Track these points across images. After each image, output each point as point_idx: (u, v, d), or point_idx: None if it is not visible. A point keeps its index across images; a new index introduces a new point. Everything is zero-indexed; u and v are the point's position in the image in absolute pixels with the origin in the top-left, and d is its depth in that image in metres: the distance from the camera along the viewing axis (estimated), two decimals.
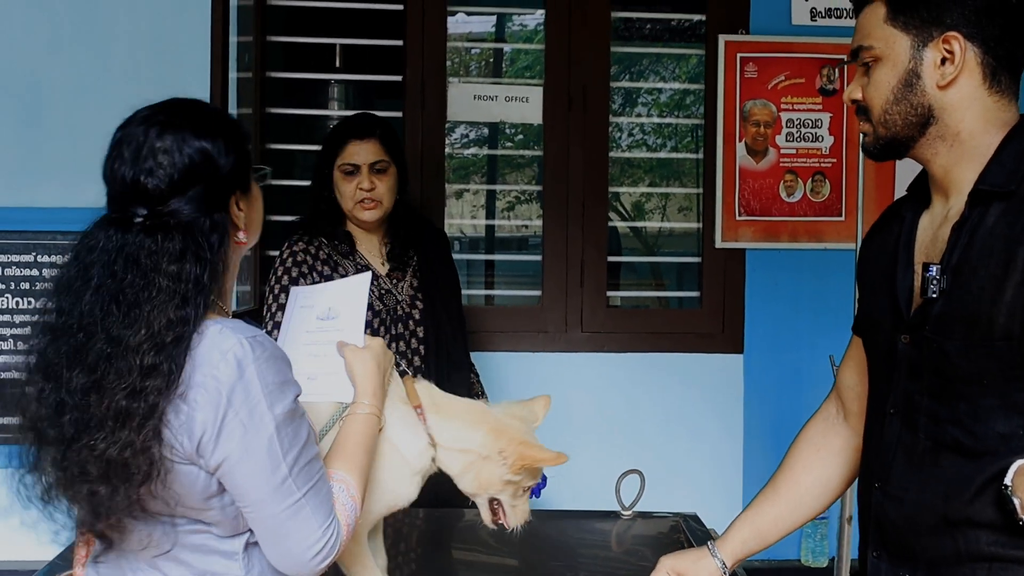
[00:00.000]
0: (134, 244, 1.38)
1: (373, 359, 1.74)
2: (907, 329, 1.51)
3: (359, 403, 1.69)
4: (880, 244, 1.64)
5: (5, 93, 3.01)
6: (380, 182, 2.53)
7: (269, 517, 1.43)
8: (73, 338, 1.38)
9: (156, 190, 1.40)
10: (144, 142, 1.42)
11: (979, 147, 1.47)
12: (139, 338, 1.36)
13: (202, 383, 1.38)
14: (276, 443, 1.42)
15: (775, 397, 3.32)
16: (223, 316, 1.48)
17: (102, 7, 3.02)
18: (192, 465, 1.41)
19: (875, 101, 1.52)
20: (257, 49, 3.15)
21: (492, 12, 4.69)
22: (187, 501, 1.43)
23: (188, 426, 1.38)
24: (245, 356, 1.40)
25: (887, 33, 1.50)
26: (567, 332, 3.38)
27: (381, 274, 2.57)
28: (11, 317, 2.99)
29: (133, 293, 1.37)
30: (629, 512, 2.35)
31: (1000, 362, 1.39)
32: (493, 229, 5.17)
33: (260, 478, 1.41)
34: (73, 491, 1.39)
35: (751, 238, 3.35)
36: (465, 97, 3.40)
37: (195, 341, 1.40)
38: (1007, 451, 1.39)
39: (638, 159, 4.60)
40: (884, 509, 1.55)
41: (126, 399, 1.35)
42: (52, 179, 3.00)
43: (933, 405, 1.48)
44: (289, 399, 1.45)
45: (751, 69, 3.33)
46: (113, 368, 1.36)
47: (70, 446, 1.37)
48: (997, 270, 1.39)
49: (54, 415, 1.38)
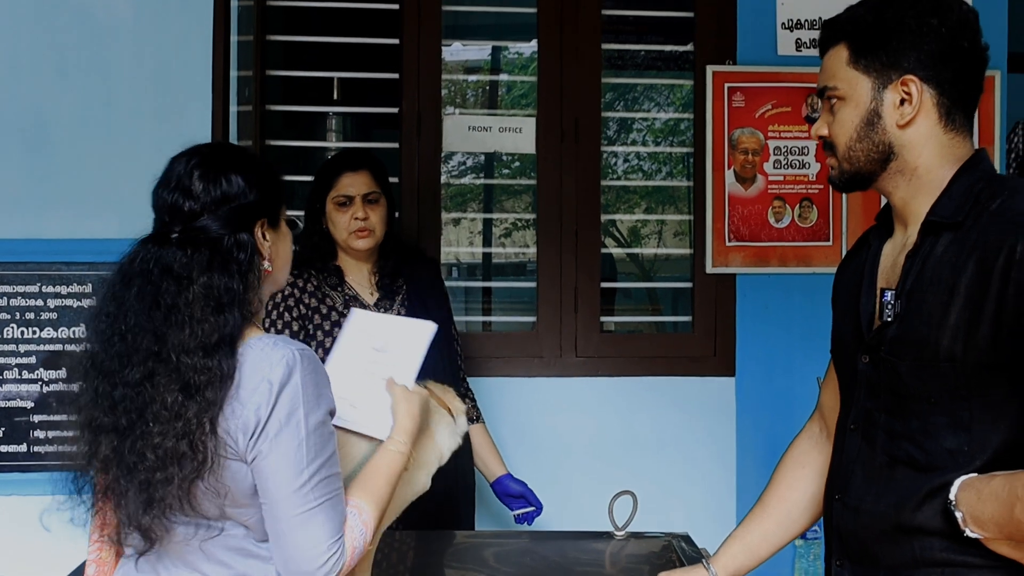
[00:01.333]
0: (169, 256, 1.56)
1: (419, 406, 1.84)
2: (867, 350, 1.60)
3: (394, 439, 1.78)
4: (851, 270, 1.73)
5: (11, 125, 3.06)
6: (373, 212, 2.66)
7: (281, 519, 1.53)
8: (122, 338, 1.54)
9: (190, 210, 1.59)
10: (184, 172, 1.62)
11: (934, 181, 1.57)
12: (184, 339, 1.51)
13: (256, 386, 1.52)
14: (304, 449, 1.53)
15: (767, 418, 3.36)
16: (262, 331, 1.63)
17: (107, 42, 3.08)
18: (240, 461, 1.53)
19: (840, 138, 1.62)
20: (257, 83, 3.21)
21: (486, 43, 4.77)
22: (234, 497, 1.55)
23: (243, 423, 1.51)
24: (295, 364, 1.54)
25: (850, 75, 1.60)
26: (562, 357, 3.43)
27: (369, 304, 2.67)
28: (16, 347, 3.04)
29: (171, 297, 1.53)
30: (622, 532, 2.40)
31: (946, 382, 1.47)
32: (490, 256, 5.22)
33: (282, 478, 1.52)
34: (127, 480, 1.50)
35: (741, 263, 3.41)
36: (460, 128, 3.47)
37: (247, 349, 1.55)
38: (954, 466, 1.48)
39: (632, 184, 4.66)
40: (843, 519, 1.63)
41: (181, 393, 1.49)
42: (57, 211, 3.05)
43: (889, 422, 1.56)
44: (323, 411, 1.58)
45: (739, 99, 3.40)
46: (164, 365, 1.51)
47: (126, 436, 1.51)
48: (943, 296, 1.47)
49: (109, 408, 1.52)
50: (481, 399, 3.34)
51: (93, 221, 3.03)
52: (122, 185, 2.99)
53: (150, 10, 3.09)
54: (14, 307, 3.04)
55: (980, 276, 1.44)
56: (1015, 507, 1.37)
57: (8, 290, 3.04)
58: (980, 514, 1.43)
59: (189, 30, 3.08)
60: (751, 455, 3.40)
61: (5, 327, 3.03)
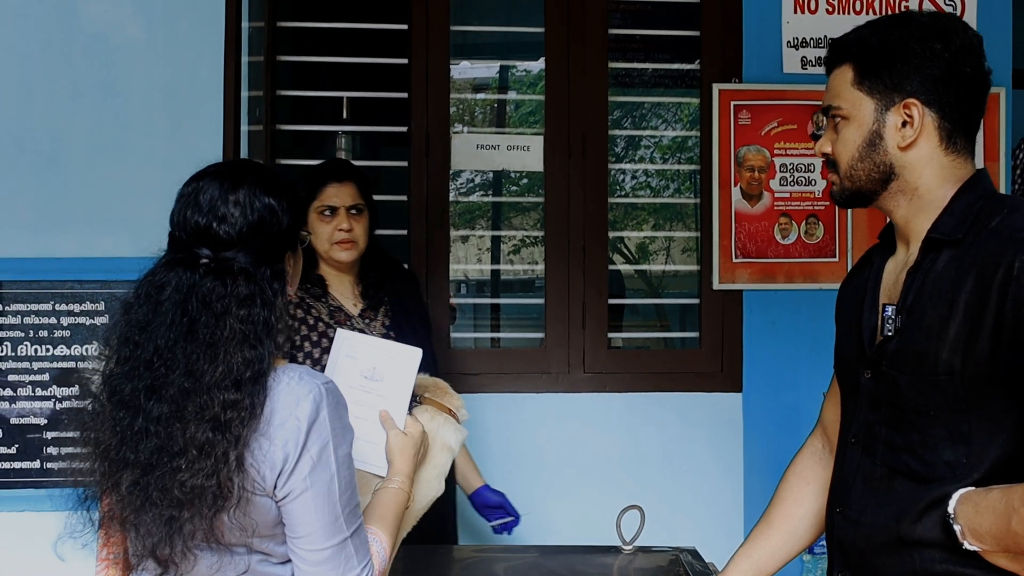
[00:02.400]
0: (204, 287, 1.50)
1: (413, 447, 1.87)
2: (868, 364, 1.62)
3: (392, 479, 1.82)
4: (854, 287, 1.76)
5: (25, 145, 3.09)
6: (357, 224, 2.65)
7: (317, 551, 1.54)
8: (151, 371, 1.48)
9: (226, 236, 1.54)
10: (219, 195, 1.55)
11: (935, 200, 1.60)
12: (217, 375, 1.47)
13: (283, 422, 1.50)
14: (336, 482, 1.54)
15: (774, 434, 3.37)
16: (288, 362, 1.59)
17: (119, 63, 3.11)
18: (267, 497, 1.51)
19: (842, 157, 1.65)
20: (268, 103, 3.25)
21: (494, 62, 4.81)
22: (260, 530, 1.54)
23: (271, 460, 1.49)
24: (322, 399, 1.52)
25: (854, 96, 1.63)
26: (570, 373, 3.45)
27: (354, 314, 2.66)
28: (30, 364, 3.06)
29: (208, 333, 1.48)
30: (630, 547, 2.41)
31: (945, 395, 1.49)
32: (498, 273, 5.25)
33: (317, 514, 1.52)
34: (150, 515, 1.47)
35: (748, 279, 3.43)
36: (468, 146, 3.50)
37: (273, 383, 1.52)
38: (953, 478, 1.50)
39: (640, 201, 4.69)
40: (844, 532, 1.65)
41: (211, 431, 1.46)
42: (70, 230, 3.07)
43: (890, 434, 1.58)
44: (349, 443, 1.58)
45: (745, 116, 3.43)
46: (193, 401, 1.47)
47: (149, 471, 1.46)
48: (943, 310, 1.49)
49: (131, 440, 1.48)
50: (489, 415, 3.37)
51: (105, 240, 3.06)
52: (134, 204, 3.01)
53: (162, 31, 3.13)
54: (27, 325, 3.07)
55: (979, 291, 1.47)
56: (1011, 519, 1.39)
57: (22, 308, 3.06)
58: (978, 527, 1.45)
59: (201, 51, 3.11)
60: (758, 470, 3.41)
61: (19, 345, 3.06)
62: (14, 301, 3.06)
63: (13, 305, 3.06)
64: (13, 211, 3.07)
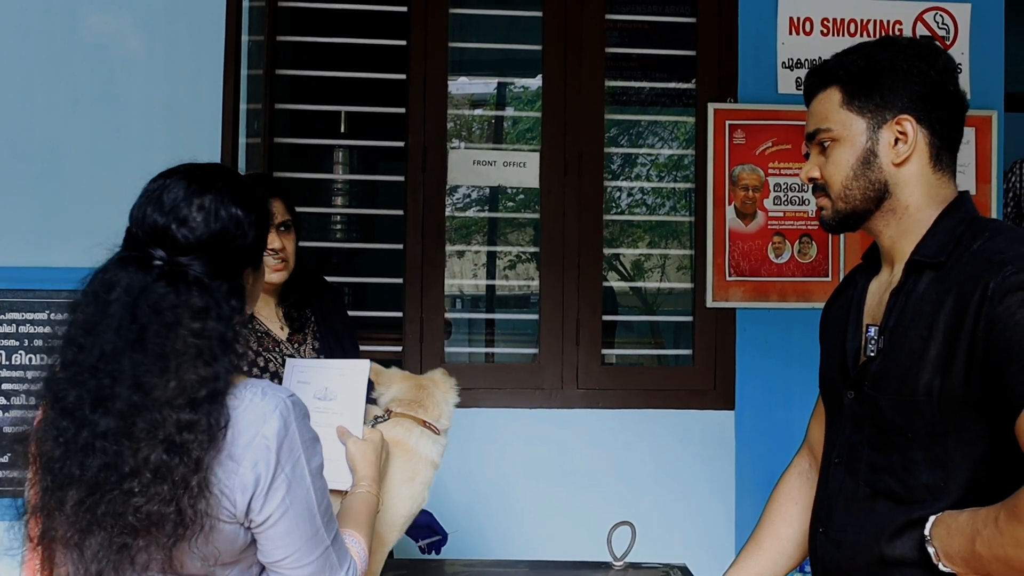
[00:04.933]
0: (156, 292, 1.38)
1: (374, 451, 1.86)
2: (852, 385, 1.64)
3: (358, 485, 1.81)
4: (838, 307, 1.77)
5: (24, 155, 3.11)
6: (288, 241, 2.44)
7: (304, 565, 1.49)
8: (95, 379, 1.36)
9: (184, 240, 1.43)
10: (184, 196, 1.45)
11: (921, 220, 1.62)
12: (170, 391, 1.36)
13: (251, 442, 1.41)
14: (312, 495, 1.48)
15: (766, 452, 3.38)
16: (245, 377, 1.49)
17: (119, 75, 3.13)
18: (236, 524, 1.44)
19: (835, 178, 1.66)
20: (266, 116, 3.27)
21: (492, 78, 4.84)
22: (224, 558, 1.45)
23: (241, 483, 1.41)
24: (289, 414, 1.45)
25: (844, 117, 1.65)
26: (563, 389, 3.46)
27: (281, 339, 2.47)
28: (24, 373, 3.07)
29: (158, 343, 1.36)
30: (620, 563, 2.42)
31: (923, 417, 1.51)
32: (493, 288, 5.26)
33: (299, 531, 1.47)
34: (98, 539, 1.36)
35: (741, 298, 3.45)
36: (465, 162, 3.52)
37: (235, 401, 1.42)
38: (932, 499, 1.52)
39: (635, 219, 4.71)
40: (827, 552, 1.66)
41: (165, 452, 1.34)
42: (67, 240, 3.08)
43: (872, 455, 1.59)
44: (320, 454, 1.52)
45: (739, 136, 3.45)
46: (143, 418, 1.35)
47: (98, 491, 1.35)
48: (924, 332, 1.51)
49: (77, 455, 1.35)
50: (483, 429, 3.37)
51: (102, 251, 3.06)
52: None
53: (162, 44, 3.15)
54: (23, 334, 3.07)
55: (956, 312, 1.48)
56: (975, 541, 1.41)
57: (17, 317, 3.07)
58: (949, 549, 1.47)
59: (201, 64, 3.13)
60: (750, 488, 3.41)
61: (13, 353, 3.07)
62: (9, 310, 3.07)
63: (8, 314, 3.07)
64: (11, 220, 3.08)
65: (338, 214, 4.11)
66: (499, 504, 3.19)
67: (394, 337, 3.47)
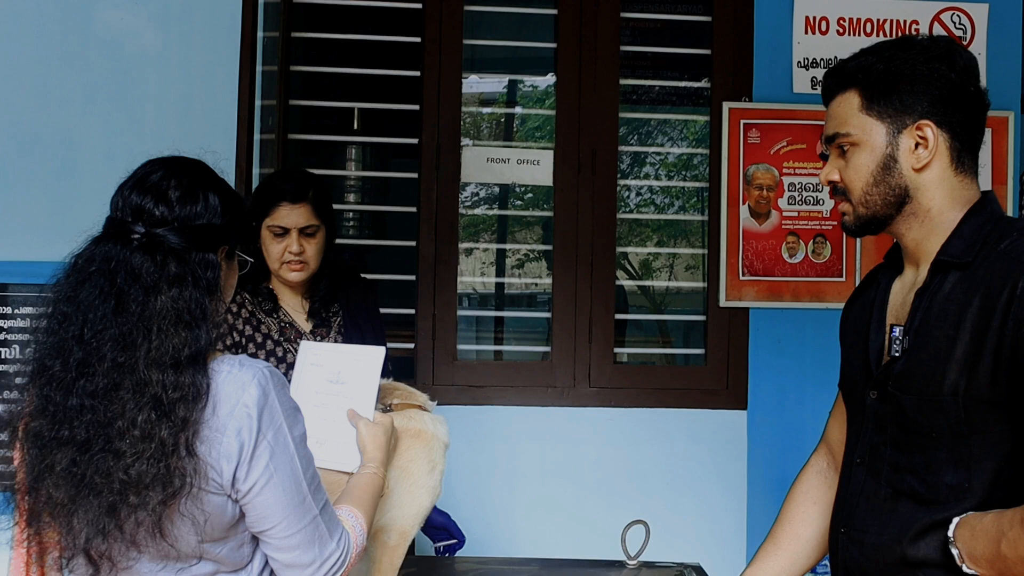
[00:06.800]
0: (134, 260, 1.45)
1: (384, 434, 1.88)
2: (875, 385, 1.63)
3: (366, 466, 1.82)
4: (859, 307, 1.77)
5: (39, 150, 3.11)
6: (309, 245, 2.50)
7: (291, 535, 1.52)
8: (81, 345, 1.41)
9: (161, 215, 1.50)
10: (160, 178, 1.54)
11: (945, 222, 1.61)
12: (153, 351, 1.41)
13: (232, 411, 1.46)
14: (297, 463, 1.52)
15: (778, 452, 3.38)
16: (220, 354, 1.53)
17: (135, 71, 3.14)
18: (223, 495, 1.47)
19: (855, 183, 1.64)
20: (280, 112, 3.27)
21: (503, 76, 4.83)
22: (212, 529, 1.48)
23: (227, 451, 1.45)
24: (267, 383, 1.49)
25: (863, 121, 1.63)
26: (575, 387, 3.46)
27: (305, 331, 2.55)
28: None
29: (139, 307, 1.43)
30: (634, 562, 2.42)
31: (948, 417, 1.50)
32: (503, 286, 5.26)
33: (285, 498, 1.50)
34: (89, 501, 1.39)
35: (754, 297, 3.44)
36: (479, 159, 3.52)
37: (214, 374, 1.47)
38: (955, 500, 1.51)
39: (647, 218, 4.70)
40: (849, 552, 1.66)
41: (153, 411, 1.39)
42: (81, 236, 3.08)
43: (895, 455, 1.59)
44: (302, 423, 1.56)
45: (754, 135, 3.45)
46: (129, 378, 1.41)
47: (86, 450, 1.39)
48: (950, 331, 1.51)
49: (64, 419, 1.40)
50: (494, 428, 3.37)
51: None
52: None
53: (177, 40, 3.15)
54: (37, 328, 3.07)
55: (984, 311, 1.48)
56: (1001, 543, 1.41)
57: (31, 312, 3.07)
58: (973, 550, 1.46)
59: (216, 60, 3.13)
60: (762, 488, 3.41)
61: (27, 348, 3.07)
62: (23, 304, 3.07)
63: (22, 308, 3.07)
64: (25, 215, 3.09)
65: (351, 211, 4.11)
66: (510, 502, 3.19)
67: (406, 334, 3.47)
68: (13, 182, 3.10)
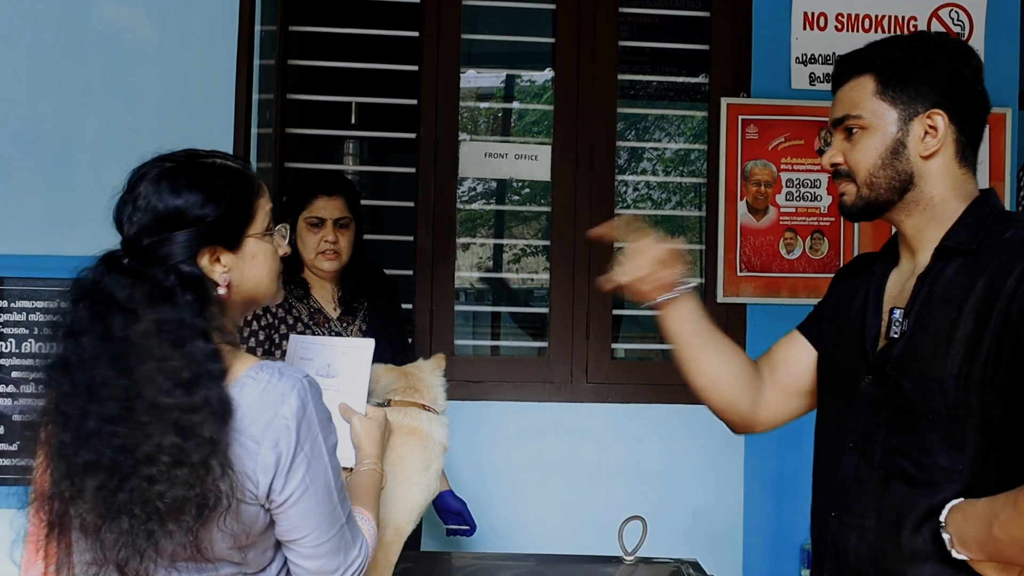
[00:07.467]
0: (112, 283, 1.43)
1: (378, 429, 1.88)
2: (871, 370, 1.64)
3: (362, 463, 1.83)
4: (850, 289, 1.79)
5: (36, 144, 3.10)
6: (343, 236, 2.75)
7: (320, 544, 1.52)
8: (82, 369, 1.39)
9: (134, 235, 1.48)
10: (132, 190, 1.53)
11: (946, 211, 1.65)
12: (152, 374, 1.38)
13: (270, 422, 1.44)
14: (330, 473, 1.52)
15: (774, 448, 3.38)
16: (258, 360, 1.52)
17: (132, 65, 3.13)
18: (256, 506, 1.46)
19: (861, 165, 1.68)
20: (277, 106, 3.26)
21: (500, 71, 4.83)
22: (244, 539, 1.47)
23: (264, 463, 1.44)
24: (305, 394, 1.48)
25: (876, 106, 1.67)
26: (573, 383, 3.46)
27: (332, 318, 2.75)
28: (34, 362, 3.07)
29: (119, 330, 1.39)
30: (631, 557, 2.42)
31: (946, 398, 1.52)
32: (500, 281, 5.25)
33: (318, 509, 1.50)
34: (124, 525, 1.38)
35: (752, 293, 3.44)
36: (476, 154, 3.51)
37: (247, 380, 1.45)
38: (947, 483, 1.52)
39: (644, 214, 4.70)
40: (841, 536, 1.66)
41: (177, 435, 1.37)
42: (79, 229, 3.04)
43: (888, 438, 1.61)
44: (335, 432, 1.56)
45: (752, 131, 3.45)
46: (139, 402, 1.37)
47: (116, 474, 1.37)
48: (952, 313, 1.54)
49: (88, 441, 1.38)
50: (491, 423, 3.37)
51: (112, 240, 3.06)
52: None
53: (175, 34, 3.14)
54: (33, 322, 3.07)
55: (988, 295, 1.50)
56: (992, 525, 1.42)
57: (27, 305, 3.07)
58: (964, 534, 1.48)
59: (213, 54, 3.13)
60: (758, 484, 3.41)
61: (23, 341, 3.07)
62: (20, 298, 3.07)
63: (19, 302, 3.07)
64: (22, 209, 3.08)
65: None
66: (507, 498, 3.18)
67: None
68: (10, 176, 3.09)
